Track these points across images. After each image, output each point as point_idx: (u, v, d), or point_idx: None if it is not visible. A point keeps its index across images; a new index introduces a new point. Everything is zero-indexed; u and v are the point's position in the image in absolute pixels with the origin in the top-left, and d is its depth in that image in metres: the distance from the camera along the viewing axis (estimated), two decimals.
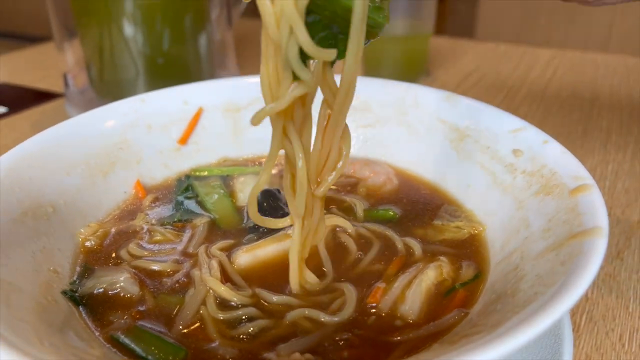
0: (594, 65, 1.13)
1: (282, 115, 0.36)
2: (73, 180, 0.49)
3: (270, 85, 0.35)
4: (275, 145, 0.38)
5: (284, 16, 0.31)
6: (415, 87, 0.58)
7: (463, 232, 0.48)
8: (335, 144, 0.39)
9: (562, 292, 0.30)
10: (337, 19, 0.32)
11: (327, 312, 0.40)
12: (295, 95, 0.34)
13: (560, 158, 0.44)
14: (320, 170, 0.40)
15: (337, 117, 0.38)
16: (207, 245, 0.47)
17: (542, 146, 0.46)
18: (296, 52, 0.32)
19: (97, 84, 0.88)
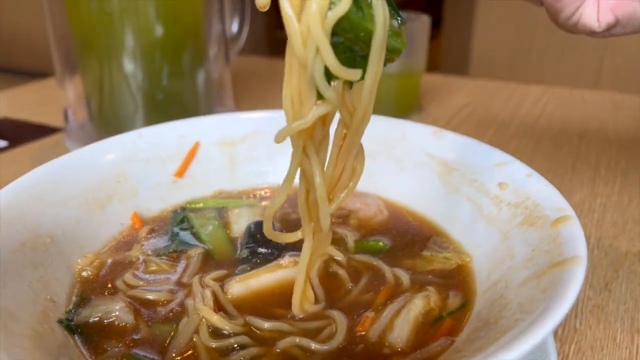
0: (583, 101, 1.15)
1: (303, 134, 0.37)
2: (71, 212, 0.51)
3: (293, 104, 0.36)
4: (294, 164, 0.39)
5: (311, 36, 0.32)
6: (403, 123, 0.60)
7: (451, 262, 0.49)
8: (349, 163, 0.40)
9: (541, 319, 0.31)
10: (359, 42, 0.34)
11: (318, 340, 0.41)
12: (319, 114, 0.35)
13: (543, 190, 0.46)
14: (332, 188, 0.41)
15: (353, 137, 0.39)
16: (201, 275, 0.48)
17: (525, 179, 0.48)
18: (322, 71, 0.33)
19: (96, 118, 0.90)
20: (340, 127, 0.39)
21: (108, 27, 0.81)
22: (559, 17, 0.44)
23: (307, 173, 0.39)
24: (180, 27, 0.87)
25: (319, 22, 0.32)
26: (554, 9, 0.43)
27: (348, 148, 0.39)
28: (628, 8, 0.41)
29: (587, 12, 0.43)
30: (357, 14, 0.33)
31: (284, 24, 0.33)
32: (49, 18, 0.88)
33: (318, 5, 0.32)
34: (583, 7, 0.42)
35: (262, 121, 0.64)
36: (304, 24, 0.32)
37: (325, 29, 0.32)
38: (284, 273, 0.47)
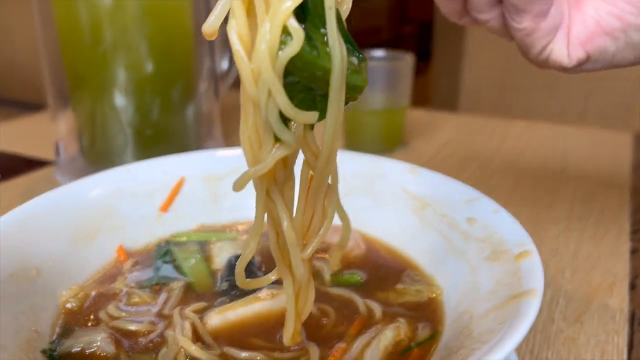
0: (564, 137, 1.19)
1: (265, 178, 0.36)
2: (59, 245, 0.53)
3: (251, 148, 0.35)
4: (260, 209, 0.38)
5: (262, 79, 0.31)
6: (382, 160, 0.63)
7: (422, 295, 0.51)
8: (319, 206, 0.39)
9: (494, 348, 0.33)
10: (316, 81, 0.32)
11: None
12: (278, 157, 0.34)
13: (508, 226, 0.48)
14: (305, 232, 0.40)
15: (320, 178, 0.37)
16: (181, 307, 0.50)
17: (492, 215, 0.51)
18: (276, 113, 0.32)
19: (87, 152, 0.92)
20: (305, 168, 0.38)
21: (101, 63, 0.84)
22: (530, 53, 0.44)
23: (274, 217, 0.38)
24: (172, 64, 0.89)
25: (269, 62, 0.31)
26: (525, 44, 0.44)
27: (316, 190, 0.38)
28: (599, 43, 0.42)
29: (557, 47, 0.43)
30: (311, 53, 0.31)
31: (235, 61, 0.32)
32: (43, 53, 0.91)
33: (267, 45, 0.30)
34: (553, 42, 0.43)
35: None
36: (255, 62, 0.31)
37: (276, 70, 0.31)
38: (262, 305, 0.49)
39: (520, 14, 0.42)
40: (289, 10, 0.30)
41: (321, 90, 0.33)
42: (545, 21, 0.42)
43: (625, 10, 0.41)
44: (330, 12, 0.31)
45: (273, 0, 0.30)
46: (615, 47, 0.42)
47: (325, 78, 0.32)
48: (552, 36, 0.43)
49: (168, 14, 0.87)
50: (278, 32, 0.30)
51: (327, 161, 0.36)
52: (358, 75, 0.35)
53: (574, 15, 0.43)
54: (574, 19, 0.43)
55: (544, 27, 0.42)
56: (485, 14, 0.44)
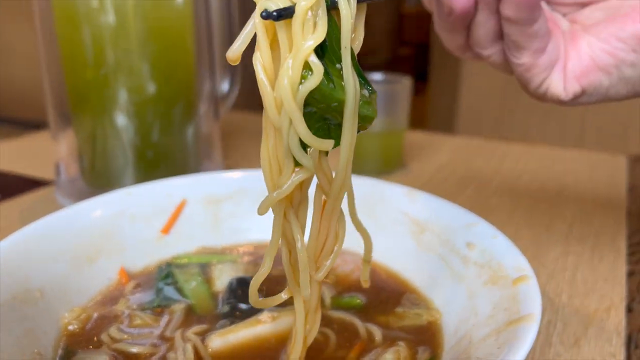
0: (561, 160, 1.20)
1: (283, 200, 0.38)
2: (60, 267, 0.53)
3: (271, 167, 0.37)
4: (277, 230, 0.40)
5: (284, 109, 0.34)
6: (381, 183, 0.63)
7: (422, 319, 0.51)
8: (332, 229, 0.41)
9: None
10: (331, 111, 0.35)
11: None
12: (298, 181, 0.37)
13: (506, 251, 0.49)
14: (318, 255, 0.42)
15: (333, 203, 0.40)
16: (183, 329, 0.50)
17: (491, 240, 0.51)
18: (297, 140, 0.35)
19: (87, 173, 0.92)
20: (318, 193, 0.40)
21: (103, 84, 0.85)
22: (529, 87, 0.47)
23: (288, 237, 0.40)
24: (173, 85, 0.90)
25: (290, 95, 0.33)
26: (524, 78, 0.46)
27: (329, 214, 0.40)
28: (593, 78, 0.44)
29: (554, 82, 0.45)
30: (328, 86, 0.34)
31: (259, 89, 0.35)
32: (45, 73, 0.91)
33: (289, 80, 0.33)
34: (550, 77, 0.45)
35: (246, 180, 0.67)
36: (278, 92, 0.34)
37: (297, 101, 0.34)
38: (263, 328, 0.49)
39: (520, 50, 0.44)
40: (310, 49, 0.33)
41: (335, 119, 0.36)
42: (543, 57, 0.44)
43: (617, 47, 0.42)
44: (345, 50, 0.34)
45: (296, 38, 0.33)
46: (609, 81, 0.43)
47: (339, 109, 0.35)
48: (550, 71, 0.45)
49: (170, 36, 0.88)
50: (300, 68, 0.33)
51: (341, 185, 0.39)
52: (369, 107, 0.38)
53: (569, 52, 0.45)
54: (570, 54, 0.45)
55: (541, 62, 0.44)
56: (487, 50, 0.46)
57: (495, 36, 0.45)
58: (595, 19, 0.46)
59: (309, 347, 0.48)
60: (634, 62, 0.42)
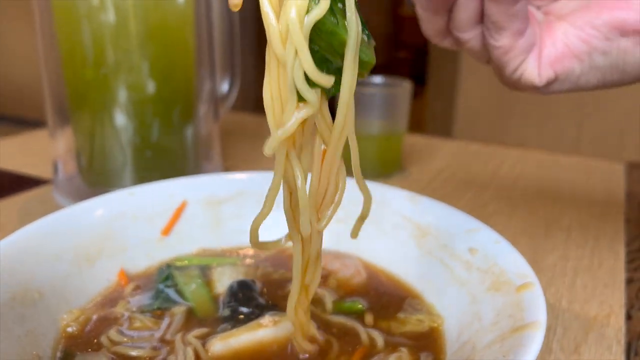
0: (558, 165, 1.20)
1: (286, 142, 0.37)
2: (60, 267, 0.53)
3: (274, 110, 0.36)
4: (279, 171, 0.39)
5: (290, 37, 0.33)
6: (381, 187, 0.63)
7: (424, 324, 0.51)
8: (332, 179, 0.40)
9: None
10: (332, 52, 0.35)
11: None
12: (302, 117, 0.35)
13: (509, 257, 0.49)
14: (319, 205, 0.41)
15: (333, 151, 0.39)
16: (183, 332, 0.50)
17: (494, 245, 0.51)
18: (302, 74, 0.34)
19: (85, 172, 0.91)
20: (318, 143, 0.39)
21: (102, 83, 0.84)
22: (505, 71, 0.47)
23: (289, 179, 0.39)
24: (173, 85, 0.90)
25: (297, 24, 0.33)
26: (501, 62, 0.47)
27: (329, 163, 0.39)
28: (567, 65, 0.45)
29: (530, 67, 0.46)
30: (331, 21, 0.34)
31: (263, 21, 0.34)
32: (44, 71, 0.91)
33: (297, 9, 0.33)
34: (526, 62, 0.46)
35: (248, 182, 0.67)
36: (283, 23, 0.33)
37: (304, 31, 0.33)
38: (264, 332, 0.49)
39: (500, 31, 0.44)
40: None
41: (336, 62, 0.35)
42: (522, 40, 0.45)
43: (591, 35, 0.44)
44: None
45: None
46: (581, 69, 0.45)
47: (340, 50, 0.34)
48: (526, 55, 0.46)
49: (171, 36, 0.88)
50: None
51: (340, 133, 0.38)
52: (368, 51, 0.37)
53: (545, 39, 0.47)
54: (545, 41, 0.46)
55: (519, 45, 0.45)
56: (466, 33, 0.47)
57: (476, 19, 0.46)
58: (570, 9, 0.47)
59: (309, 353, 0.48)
60: (605, 50, 0.44)
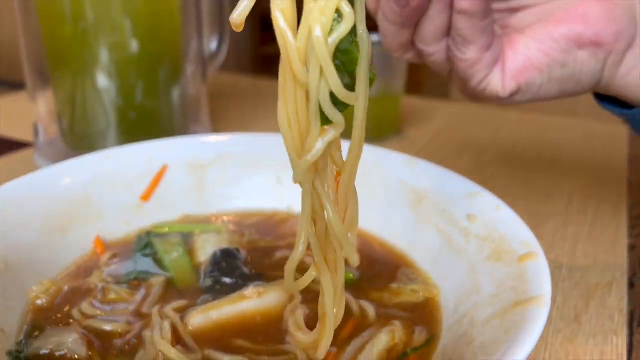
0: (558, 128, 1.16)
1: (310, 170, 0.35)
2: (29, 236, 0.49)
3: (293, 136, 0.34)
4: (307, 201, 0.36)
5: (315, 56, 0.31)
6: (377, 150, 0.59)
7: (418, 295, 0.48)
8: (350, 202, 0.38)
9: None
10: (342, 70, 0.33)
11: None
12: (329, 140, 0.33)
13: (511, 224, 0.45)
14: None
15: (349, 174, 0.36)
16: (161, 305, 0.46)
17: (494, 212, 0.48)
18: (328, 95, 0.32)
19: (67, 135, 0.88)
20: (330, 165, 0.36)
21: (82, 41, 0.80)
22: (470, 83, 0.48)
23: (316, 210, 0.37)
24: (157, 44, 0.85)
25: (324, 43, 0.30)
26: (467, 75, 0.47)
27: (345, 186, 0.37)
28: (528, 76, 0.46)
29: (494, 79, 0.47)
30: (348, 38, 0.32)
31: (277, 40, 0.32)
32: (21, 28, 0.86)
33: (322, 27, 0.30)
34: (492, 74, 0.47)
35: (232, 143, 0.63)
36: (302, 42, 0.31)
37: (329, 50, 0.31)
38: (247, 304, 0.46)
39: (467, 45, 0.45)
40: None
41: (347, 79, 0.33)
42: (488, 54, 0.45)
43: (551, 47, 0.46)
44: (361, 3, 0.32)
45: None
46: (541, 80, 0.46)
47: (350, 68, 0.32)
48: (492, 68, 0.46)
49: None
50: (332, 13, 0.31)
51: (358, 151, 0.35)
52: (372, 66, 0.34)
53: (507, 52, 0.47)
54: (507, 54, 0.47)
55: (486, 59, 0.45)
56: (432, 47, 0.47)
57: (443, 33, 0.46)
58: (528, 22, 0.48)
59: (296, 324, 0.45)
60: (563, 62, 0.46)
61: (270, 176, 0.62)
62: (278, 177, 0.62)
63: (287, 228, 0.59)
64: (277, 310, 0.46)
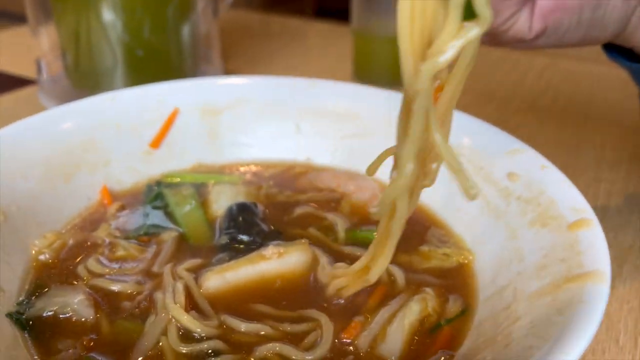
0: (589, 76, 1.10)
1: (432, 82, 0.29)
2: (30, 184, 0.45)
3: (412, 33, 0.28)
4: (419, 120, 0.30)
5: None
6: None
7: (451, 260, 0.44)
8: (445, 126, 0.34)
9: (557, 350, 0.27)
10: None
11: (301, 347, 0.36)
12: (471, 38, 0.27)
13: (559, 186, 0.41)
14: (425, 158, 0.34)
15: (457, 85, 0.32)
16: (173, 264, 0.43)
17: (539, 171, 0.43)
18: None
19: (72, 72, 0.83)
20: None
21: None
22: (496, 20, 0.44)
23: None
24: None
25: None
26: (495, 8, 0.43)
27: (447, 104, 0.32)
28: (557, 16, 0.44)
29: (522, 17, 0.44)
30: None
31: None
32: None
33: None
34: (520, 12, 0.44)
35: (249, 87, 0.58)
36: None
37: None
38: (267, 266, 0.42)
39: None
40: None
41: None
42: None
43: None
44: None
45: None
46: (569, 23, 0.45)
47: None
48: (522, 5, 0.44)
49: None
50: None
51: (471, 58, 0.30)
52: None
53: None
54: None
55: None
56: None
57: None
58: None
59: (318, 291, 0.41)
60: (596, 5, 0.44)
61: (289, 124, 0.57)
62: (297, 125, 0.57)
63: (307, 181, 0.55)
64: (300, 273, 0.42)
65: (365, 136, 0.56)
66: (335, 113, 0.57)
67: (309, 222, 0.49)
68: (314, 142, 0.57)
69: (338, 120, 0.57)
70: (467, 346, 0.36)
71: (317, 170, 0.56)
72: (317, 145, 0.57)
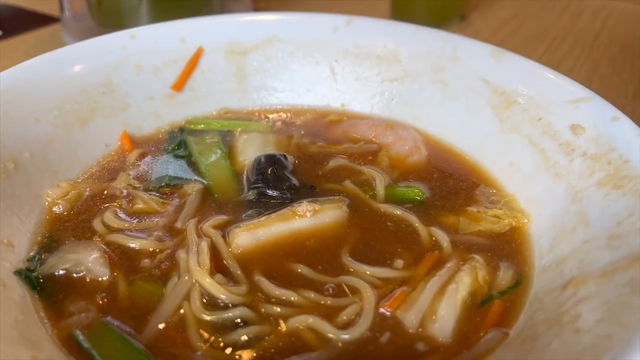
0: None
1: None
2: (43, 128, 0.42)
3: None
4: None
5: None
6: (455, 38, 0.49)
7: (503, 223, 0.40)
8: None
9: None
10: None
11: (336, 323, 0.32)
12: None
13: (635, 142, 0.35)
14: None
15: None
16: (197, 219, 0.39)
17: (609, 124, 0.38)
18: None
19: (95, 9, 0.79)
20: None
21: None
22: None
23: None
24: None
25: None
26: None
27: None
28: None
29: None
30: None
31: None
32: None
33: None
34: None
35: (279, 25, 0.53)
36: None
37: None
38: (301, 223, 0.38)
39: None
40: None
41: None
42: None
43: None
44: None
45: None
46: None
47: None
48: None
49: None
50: None
51: None
52: None
53: None
54: None
55: None
56: None
57: None
58: None
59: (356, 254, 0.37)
60: None
61: (323, 66, 0.52)
62: (331, 67, 0.52)
63: (341, 131, 0.50)
64: (335, 232, 0.38)
65: (405, 81, 0.51)
66: (374, 54, 0.51)
67: (343, 176, 0.44)
68: (349, 86, 0.52)
69: (377, 63, 0.51)
70: (523, 323, 0.32)
71: (352, 119, 0.51)
72: (353, 90, 0.52)
